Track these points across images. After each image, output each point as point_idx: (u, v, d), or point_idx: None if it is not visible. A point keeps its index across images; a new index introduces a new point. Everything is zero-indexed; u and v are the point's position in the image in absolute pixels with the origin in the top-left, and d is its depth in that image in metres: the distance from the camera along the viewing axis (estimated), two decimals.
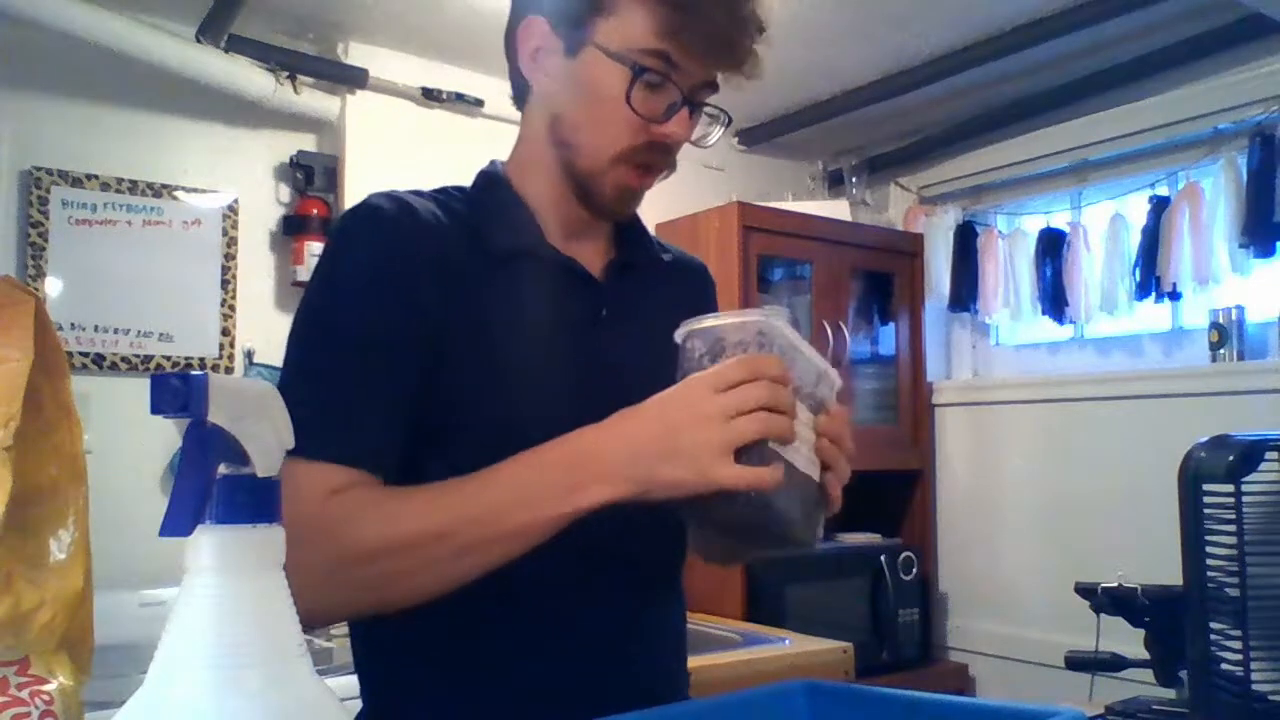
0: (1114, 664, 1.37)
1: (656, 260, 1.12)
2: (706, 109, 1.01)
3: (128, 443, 2.33)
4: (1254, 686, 1.03)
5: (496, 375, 0.94)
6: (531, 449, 0.86)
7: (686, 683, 1.11)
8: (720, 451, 0.79)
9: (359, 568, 0.84)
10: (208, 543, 0.49)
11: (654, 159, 0.98)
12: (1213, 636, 1.06)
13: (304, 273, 2.65)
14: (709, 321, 0.86)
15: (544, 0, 0.98)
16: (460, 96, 2.85)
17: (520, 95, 1.05)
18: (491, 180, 1.04)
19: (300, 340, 0.94)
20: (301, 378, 0.91)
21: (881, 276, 3.32)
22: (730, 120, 1.03)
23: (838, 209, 3.31)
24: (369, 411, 0.91)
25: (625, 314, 1.04)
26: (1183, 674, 1.21)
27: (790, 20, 2.64)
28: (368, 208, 0.96)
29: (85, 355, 2.43)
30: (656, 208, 3.03)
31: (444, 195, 1.02)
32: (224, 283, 2.64)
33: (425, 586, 0.85)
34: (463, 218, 0.99)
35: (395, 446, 0.92)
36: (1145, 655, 1.28)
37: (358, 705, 1.01)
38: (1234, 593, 1.05)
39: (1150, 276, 2.82)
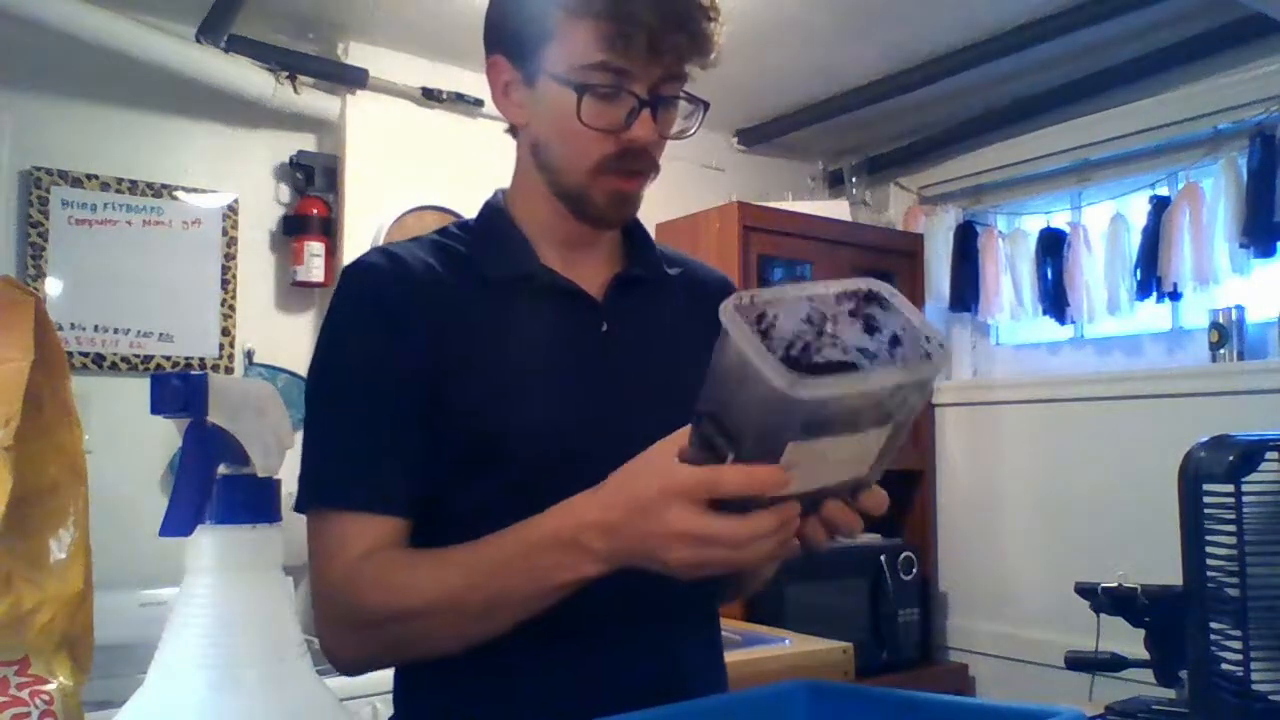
0: (1114, 664, 1.37)
1: (661, 274, 1.11)
2: (682, 99, 1.00)
3: (128, 443, 2.33)
4: (1254, 686, 1.03)
5: (497, 401, 0.97)
6: (531, 521, 0.88)
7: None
8: (695, 570, 0.78)
9: (375, 631, 0.92)
10: (208, 543, 0.49)
11: (631, 165, 0.99)
12: (1213, 636, 1.06)
13: (304, 273, 2.65)
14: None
15: (501, 37, 1.03)
16: (460, 96, 2.85)
17: (511, 127, 1.08)
18: (491, 211, 1.09)
19: (311, 399, 1.00)
20: (317, 434, 0.98)
21: (882, 276, 3.28)
22: (707, 106, 1.02)
23: (838, 209, 3.31)
24: (385, 456, 0.95)
25: (626, 329, 1.05)
26: (1183, 674, 1.21)
27: (790, 20, 2.64)
28: (355, 265, 1.03)
29: (85, 355, 2.43)
30: (657, 208, 3.03)
31: (445, 235, 1.07)
32: (224, 283, 2.64)
33: (440, 647, 0.92)
34: (460, 254, 1.04)
35: (415, 486, 0.96)
36: (1145, 655, 1.27)
37: (357, 705, 1.01)
38: (1234, 593, 1.05)
39: (1150, 276, 2.82)
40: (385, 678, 1.03)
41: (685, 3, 0.94)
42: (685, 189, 3.15)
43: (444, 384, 0.96)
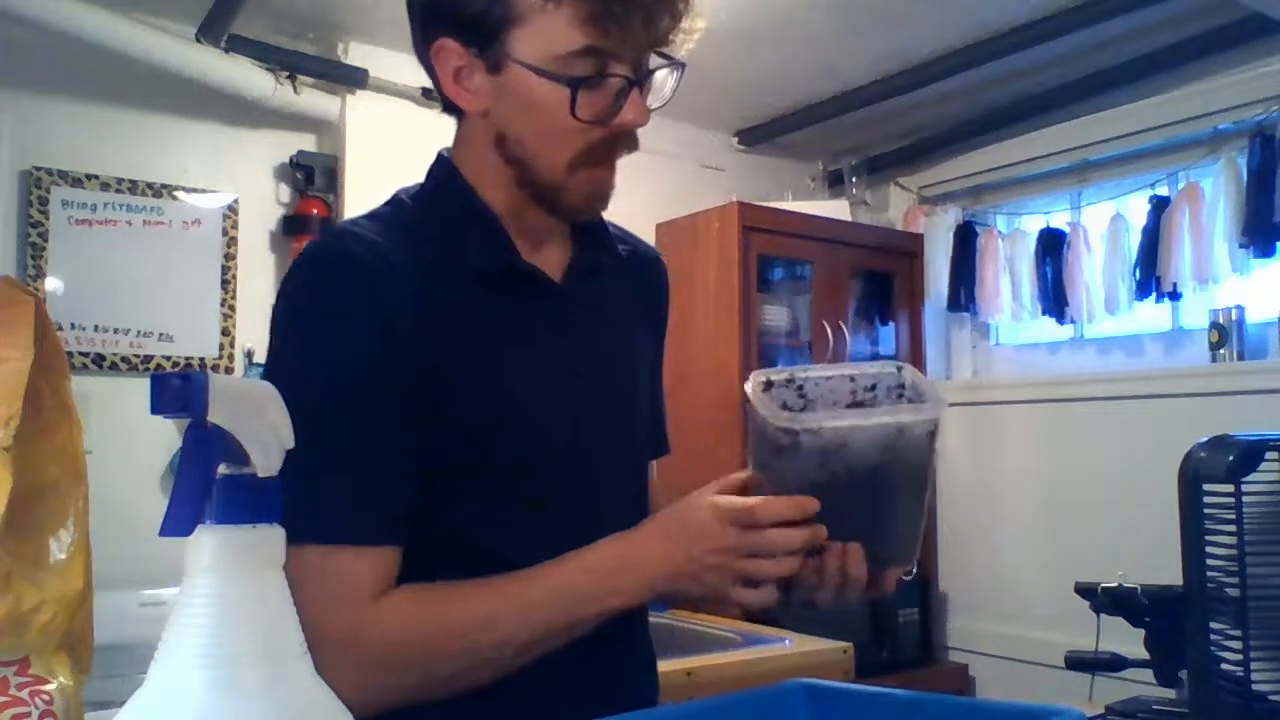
0: (1114, 664, 1.37)
1: (616, 256, 1.07)
2: (657, 70, 0.92)
3: (128, 443, 2.33)
4: (1254, 686, 1.03)
5: (489, 405, 0.93)
6: (575, 553, 0.90)
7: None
8: (734, 583, 0.87)
9: (405, 675, 0.88)
10: (208, 543, 0.49)
11: (616, 150, 0.93)
12: (1213, 636, 1.06)
13: None
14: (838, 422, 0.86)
15: (448, 19, 0.91)
16: None
17: (452, 109, 0.98)
18: (451, 186, 0.98)
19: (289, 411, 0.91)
20: (299, 455, 0.77)
21: (881, 276, 3.32)
22: (684, 66, 0.93)
23: (838, 209, 3.31)
24: (381, 478, 0.88)
25: (592, 316, 1.02)
26: (1183, 674, 1.21)
27: (790, 20, 2.64)
28: (331, 254, 0.91)
29: (85, 355, 2.43)
30: (657, 208, 3.03)
31: (400, 210, 0.97)
32: (224, 283, 2.64)
33: (474, 682, 0.89)
34: (427, 232, 0.95)
35: (410, 507, 0.90)
36: (1145, 655, 1.27)
37: None
38: (1234, 593, 1.04)
39: (1150, 276, 2.82)
40: None
41: None
42: (685, 189, 3.15)
43: (436, 387, 0.89)
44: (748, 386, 0.89)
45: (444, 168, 1.01)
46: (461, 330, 0.93)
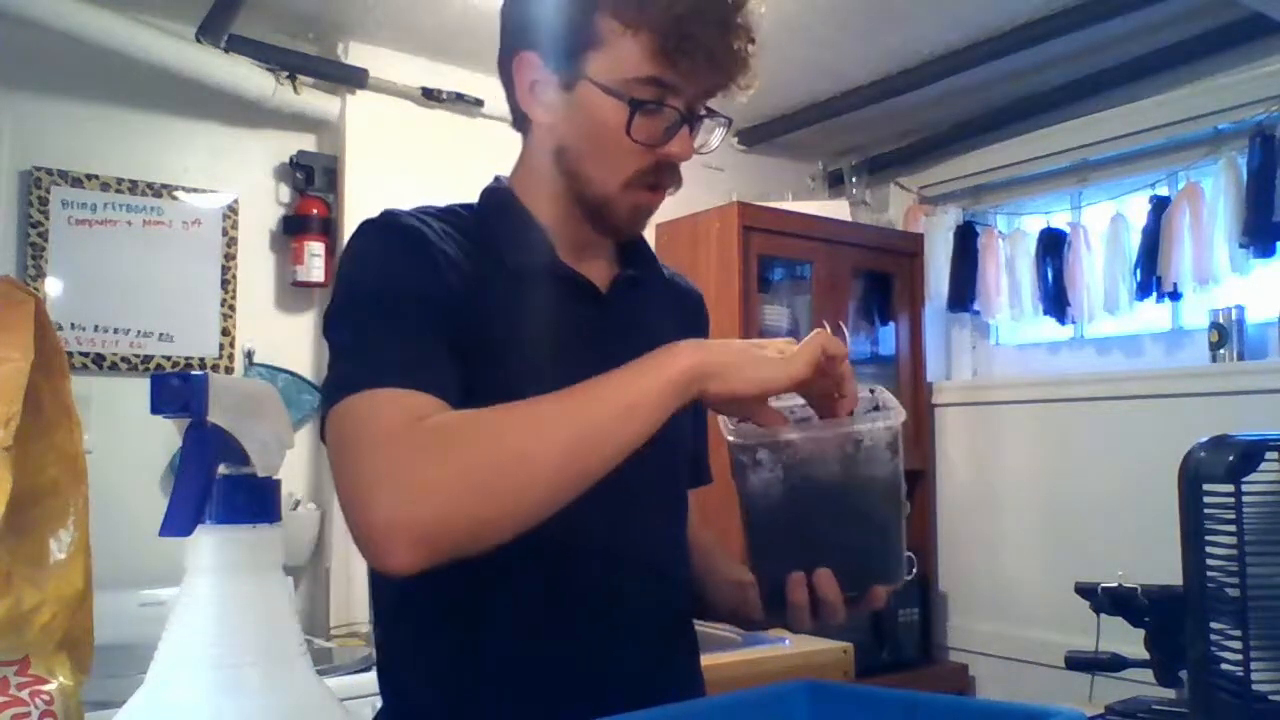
0: (1114, 664, 1.37)
1: (658, 275, 1.15)
2: (705, 117, 1.02)
3: (128, 443, 2.33)
4: (1254, 686, 1.03)
5: (510, 386, 0.91)
6: None
7: None
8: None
9: (455, 484, 0.80)
10: (208, 543, 0.49)
11: (661, 179, 1.00)
12: (1213, 636, 1.06)
13: (304, 273, 2.65)
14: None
15: (535, 35, 1.00)
16: (460, 96, 2.85)
17: (520, 122, 1.06)
18: (501, 200, 1.06)
19: (347, 311, 0.93)
20: (358, 332, 0.90)
21: (881, 276, 3.32)
22: (730, 122, 1.04)
23: (838, 209, 3.31)
24: (435, 351, 0.90)
25: (631, 326, 1.06)
26: (1183, 674, 1.21)
27: (790, 20, 2.64)
28: (389, 215, 0.98)
29: (85, 355, 2.43)
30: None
31: (452, 214, 1.03)
32: (224, 283, 2.64)
33: (530, 501, 0.82)
34: (476, 236, 1.01)
35: (458, 390, 0.89)
36: (1145, 655, 1.27)
37: (358, 705, 1.01)
38: (1234, 593, 1.04)
39: (1150, 276, 2.82)
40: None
41: (737, 25, 0.96)
42: (685, 189, 3.09)
43: (469, 362, 0.92)
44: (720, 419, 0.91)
45: (496, 185, 1.08)
46: (493, 311, 0.96)
